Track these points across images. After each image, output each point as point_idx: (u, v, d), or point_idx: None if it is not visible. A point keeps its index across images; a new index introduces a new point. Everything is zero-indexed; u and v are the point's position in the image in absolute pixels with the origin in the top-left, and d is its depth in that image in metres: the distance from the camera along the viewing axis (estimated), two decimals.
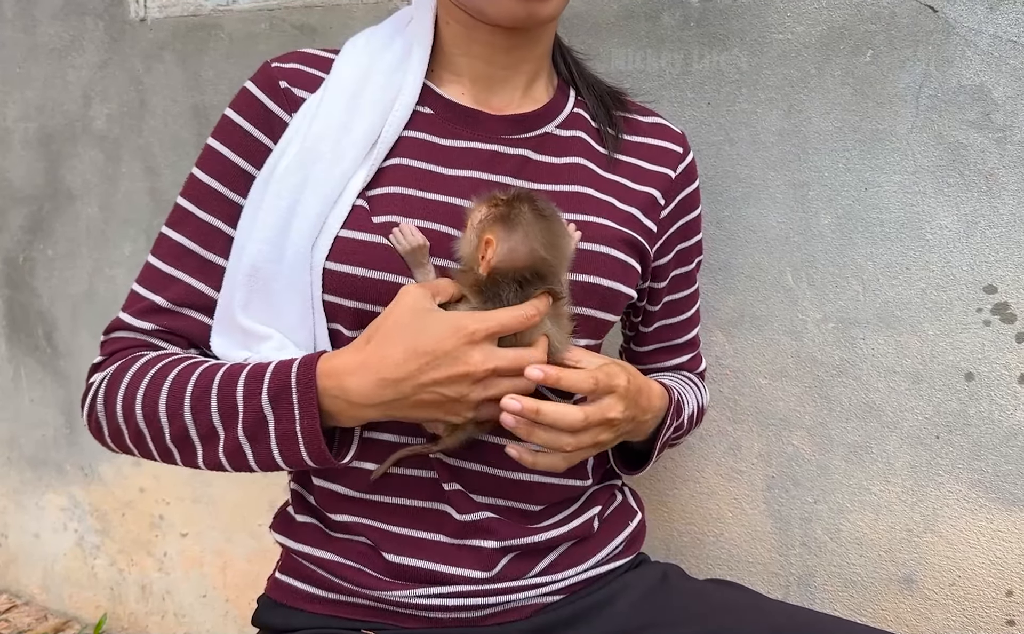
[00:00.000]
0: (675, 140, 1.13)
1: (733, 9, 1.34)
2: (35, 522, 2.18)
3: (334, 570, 0.99)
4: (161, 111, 1.83)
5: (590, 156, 1.06)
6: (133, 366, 0.94)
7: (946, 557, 1.34)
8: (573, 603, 1.02)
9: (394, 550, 0.97)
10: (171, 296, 0.98)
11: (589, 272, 0.98)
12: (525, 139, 1.03)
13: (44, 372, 2.08)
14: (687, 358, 1.25)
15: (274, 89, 1.00)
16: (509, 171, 1.00)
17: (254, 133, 1.00)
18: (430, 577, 0.97)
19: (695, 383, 1.24)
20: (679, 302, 1.21)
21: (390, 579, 0.97)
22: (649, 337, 1.21)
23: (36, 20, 1.94)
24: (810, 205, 1.34)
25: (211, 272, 0.99)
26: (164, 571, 2.02)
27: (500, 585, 0.98)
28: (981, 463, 1.30)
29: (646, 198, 1.08)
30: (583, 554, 1.04)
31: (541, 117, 1.05)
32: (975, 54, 1.23)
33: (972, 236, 1.26)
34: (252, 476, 1.86)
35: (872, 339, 1.33)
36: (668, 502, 1.50)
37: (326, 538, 1.01)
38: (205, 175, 1.00)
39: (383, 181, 0.97)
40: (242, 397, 0.88)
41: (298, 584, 1.03)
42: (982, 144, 1.24)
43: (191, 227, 1.00)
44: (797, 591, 1.44)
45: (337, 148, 0.95)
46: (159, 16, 1.79)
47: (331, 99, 0.98)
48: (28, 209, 2.03)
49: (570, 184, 1.02)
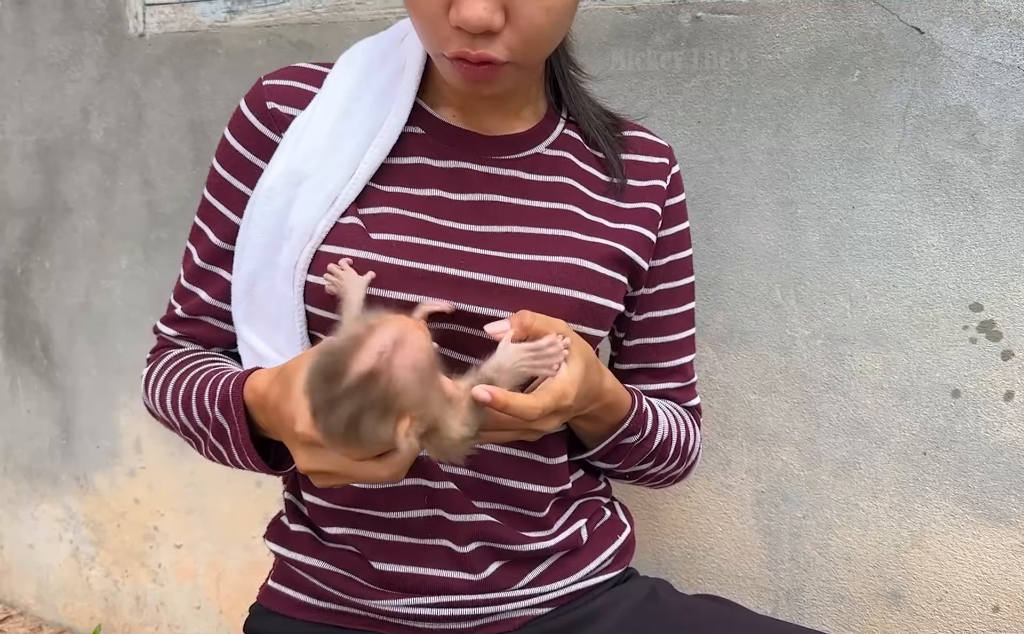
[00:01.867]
0: (661, 153, 1.13)
1: (723, 30, 1.35)
2: (30, 533, 2.19)
3: (325, 578, 1.00)
4: (158, 125, 1.84)
5: (579, 177, 1.06)
6: (158, 365, 1.05)
7: (933, 572, 1.35)
8: (561, 616, 1.03)
9: (383, 559, 0.98)
10: (188, 307, 1.07)
11: (576, 288, 0.99)
12: (516, 159, 1.04)
13: (40, 383, 2.09)
14: (673, 386, 1.16)
15: (262, 110, 1.02)
16: (501, 191, 1.01)
17: (246, 155, 1.02)
18: (418, 586, 0.98)
19: (679, 413, 1.15)
20: (665, 321, 1.14)
21: (379, 588, 0.99)
22: (630, 353, 1.15)
23: (35, 34, 1.96)
24: (798, 223, 1.35)
25: (220, 285, 1.05)
26: (158, 582, 2.02)
27: (489, 595, 0.99)
28: (968, 479, 1.31)
29: (642, 213, 1.08)
30: (572, 566, 1.05)
31: (532, 137, 1.05)
32: (961, 75, 1.25)
33: (958, 254, 1.28)
34: (246, 488, 1.87)
35: (860, 356, 1.35)
36: (658, 516, 1.51)
37: (318, 547, 1.03)
38: (210, 194, 1.05)
39: (377, 201, 0.97)
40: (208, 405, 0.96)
41: (290, 592, 1.04)
42: (968, 164, 1.26)
43: (202, 244, 1.06)
44: (786, 606, 1.44)
45: (323, 168, 0.96)
46: (158, 31, 1.81)
47: (320, 118, 0.99)
48: (26, 221, 2.04)
49: (560, 202, 1.03)
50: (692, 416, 1.18)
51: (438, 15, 0.85)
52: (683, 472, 1.17)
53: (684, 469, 1.17)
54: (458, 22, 0.83)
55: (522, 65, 0.90)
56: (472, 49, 0.85)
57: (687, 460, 1.15)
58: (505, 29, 0.85)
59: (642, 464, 1.09)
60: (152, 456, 1.97)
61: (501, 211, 1.00)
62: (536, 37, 0.87)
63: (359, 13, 1.60)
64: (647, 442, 1.06)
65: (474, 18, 0.82)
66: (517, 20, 0.85)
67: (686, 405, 1.18)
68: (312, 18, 1.64)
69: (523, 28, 0.85)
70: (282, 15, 1.67)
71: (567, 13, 0.89)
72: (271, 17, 1.68)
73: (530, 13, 0.85)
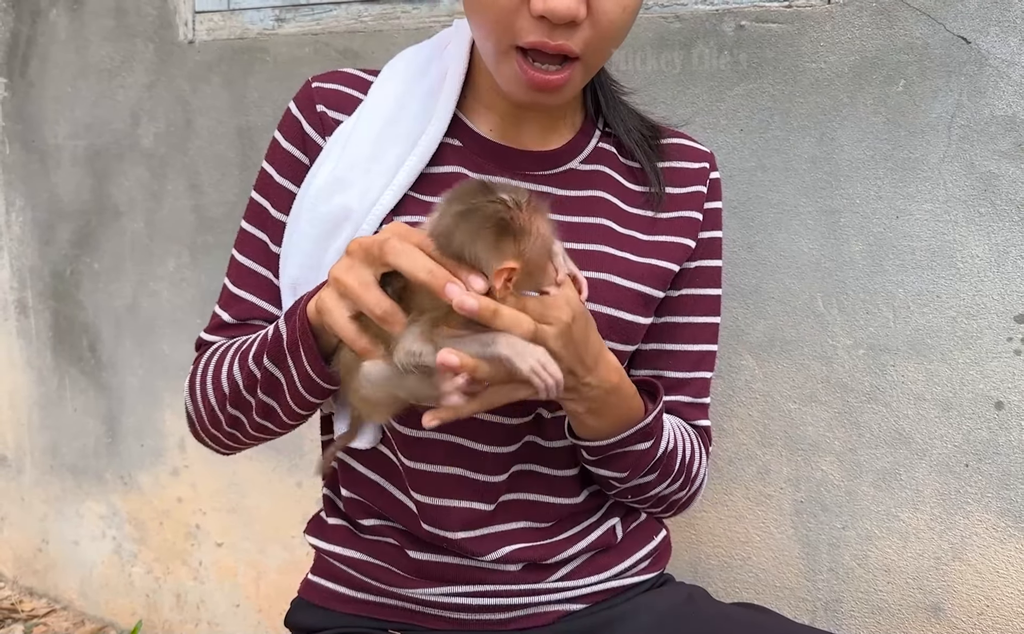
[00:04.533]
0: (703, 158, 1.12)
1: (767, 38, 1.36)
2: (74, 529, 2.23)
3: (363, 569, 1.02)
4: (206, 131, 1.88)
5: (613, 190, 1.06)
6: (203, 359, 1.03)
7: (974, 586, 1.34)
8: (595, 614, 1.04)
9: (418, 549, 1.00)
10: (236, 312, 1.05)
11: (606, 303, 0.99)
12: (550, 175, 1.04)
13: (87, 382, 2.13)
14: (683, 400, 1.10)
15: (311, 111, 1.04)
16: None
17: (294, 152, 1.04)
18: (454, 575, 1.00)
19: (685, 429, 1.08)
20: (683, 328, 1.09)
21: (415, 577, 1.00)
22: (643, 358, 1.09)
23: (88, 41, 2.01)
24: (841, 232, 1.35)
25: (271, 288, 1.05)
26: (199, 580, 2.05)
27: (522, 586, 1.01)
28: (1010, 492, 1.30)
29: (681, 222, 1.07)
30: (606, 563, 1.06)
31: (566, 153, 1.06)
32: (1007, 85, 1.24)
33: (1003, 265, 1.27)
34: (286, 488, 1.89)
35: (902, 366, 1.34)
36: (696, 525, 1.51)
37: (355, 539, 1.05)
38: (259, 196, 1.06)
39: (415, 209, 0.98)
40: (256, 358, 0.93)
41: (329, 584, 1.06)
42: (1014, 174, 1.25)
43: (251, 247, 1.06)
44: (824, 617, 1.44)
45: (367, 177, 0.98)
46: (207, 39, 1.84)
47: (364, 126, 1.01)
48: (76, 224, 2.09)
49: (593, 216, 1.03)
50: (699, 438, 1.11)
51: (515, 6, 0.87)
52: (687, 497, 1.10)
53: (688, 493, 1.10)
54: (544, 11, 0.85)
55: (591, 64, 0.93)
56: (551, 40, 0.87)
57: (691, 484, 1.09)
58: (584, 22, 0.88)
59: (646, 475, 1.02)
60: (195, 456, 2.00)
61: None
62: (611, 33, 0.90)
63: (404, 22, 1.62)
64: (653, 448, 1.00)
65: (562, 8, 0.84)
66: (597, 14, 0.88)
67: (693, 424, 1.11)
68: (358, 27, 1.67)
69: (601, 23, 0.88)
70: (329, 23, 1.70)
71: (635, 14, 0.93)
72: (318, 25, 1.71)
73: (610, 8, 0.88)
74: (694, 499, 1.12)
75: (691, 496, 1.11)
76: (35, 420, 2.25)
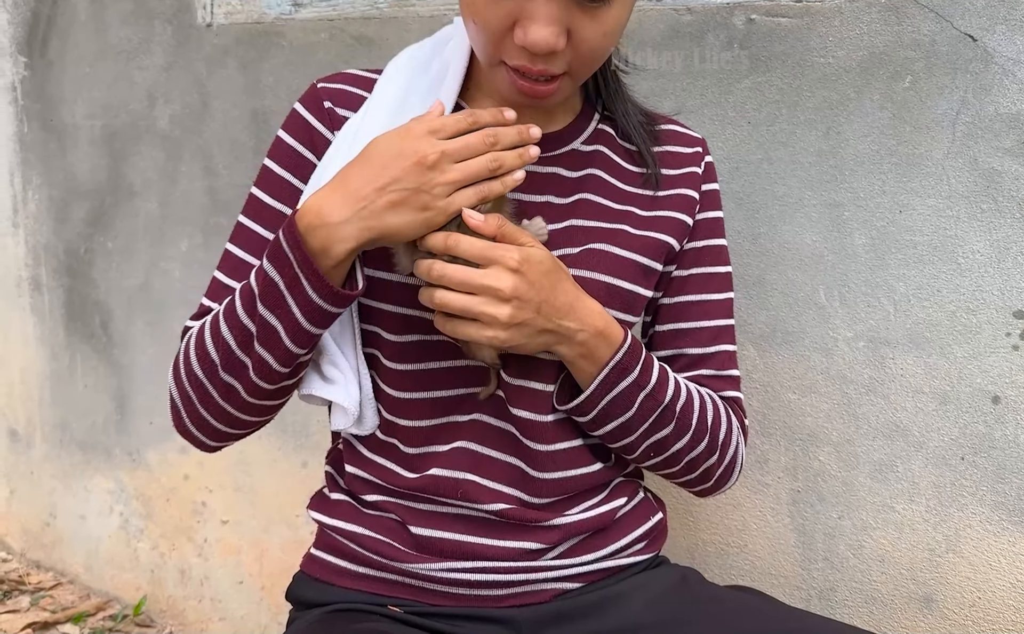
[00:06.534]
0: (694, 143, 1.16)
1: (776, 32, 1.38)
2: (82, 504, 2.26)
3: (364, 543, 1.04)
4: (222, 114, 1.90)
5: (609, 168, 1.10)
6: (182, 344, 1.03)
7: (967, 578, 1.36)
8: (591, 592, 1.06)
9: (420, 524, 1.03)
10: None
11: (601, 271, 1.03)
12: (554, 157, 1.08)
13: (98, 360, 2.16)
14: (707, 373, 1.12)
15: (319, 108, 1.07)
16: (536, 189, 1.05)
17: (300, 150, 1.07)
18: (453, 551, 1.02)
19: (710, 395, 1.10)
20: (698, 306, 1.13)
21: (416, 552, 1.03)
22: (663, 339, 1.14)
23: (107, 23, 2.03)
24: (845, 225, 1.37)
25: None
26: (203, 557, 2.08)
27: (520, 563, 1.03)
28: (1005, 486, 1.32)
29: (678, 199, 1.11)
30: (602, 541, 1.08)
31: (568, 134, 1.10)
32: (1013, 83, 1.26)
33: (1004, 261, 1.29)
34: (291, 468, 1.91)
35: (901, 359, 1.36)
36: (693, 511, 1.53)
37: (358, 514, 1.07)
38: (260, 191, 1.08)
39: None
40: (253, 278, 0.95)
41: (330, 558, 1.08)
42: (1016, 171, 1.27)
43: (246, 238, 1.08)
44: (818, 605, 1.45)
45: None
46: (224, 22, 1.87)
47: (371, 120, 1.03)
48: (91, 203, 2.12)
49: (593, 194, 1.08)
50: (728, 407, 1.13)
51: (502, 31, 0.91)
52: (722, 468, 1.11)
53: (721, 463, 1.11)
54: (524, 43, 0.89)
55: (578, 76, 0.97)
56: (532, 65, 0.92)
57: (721, 450, 1.10)
58: (566, 48, 0.91)
59: (657, 428, 1.03)
60: None
61: (536, 210, 1.04)
62: (593, 56, 0.95)
63: (419, 9, 1.65)
64: (657, 392, 1.02)
65: (541, 42, 0.89)
66: (578, 42, 0.91)
67: (722, 395, 1.13)
68: (374, 13, 1.69)
69: (581, 49, 0.92)
70: (344, 9, 1.72)
71: (621, 31, 0.96)
72: (334, 11, 1.74)
73: (590, 36, 0.91)
74: (732, 472, 1.15)
75: (728, 467, 1.13)
76: (46, 396, 2.28)
